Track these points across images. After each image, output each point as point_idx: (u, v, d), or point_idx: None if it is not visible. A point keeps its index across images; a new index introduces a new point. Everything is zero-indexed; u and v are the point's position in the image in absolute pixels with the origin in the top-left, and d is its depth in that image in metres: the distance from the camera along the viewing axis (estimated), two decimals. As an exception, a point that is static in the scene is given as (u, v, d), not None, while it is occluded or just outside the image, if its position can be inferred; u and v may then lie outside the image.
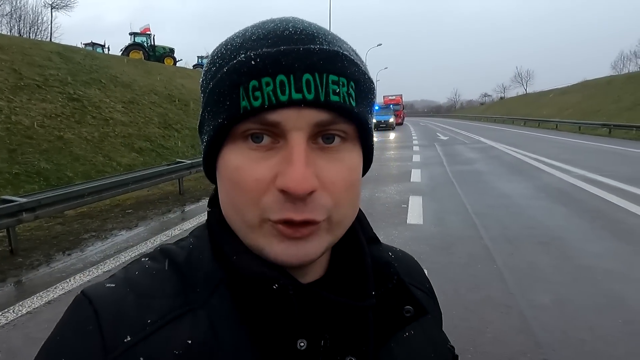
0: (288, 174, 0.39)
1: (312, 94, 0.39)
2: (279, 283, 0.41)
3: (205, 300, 0.43)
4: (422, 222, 5.98)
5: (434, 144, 18.88)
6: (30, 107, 10.54)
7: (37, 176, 8.50)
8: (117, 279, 0.45)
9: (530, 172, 10.04)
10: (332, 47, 0.41)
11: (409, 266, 0.61)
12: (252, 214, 0.41)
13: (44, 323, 3.34)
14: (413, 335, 0.51)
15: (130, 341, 0.39)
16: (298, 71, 0.39)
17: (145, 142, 12.70)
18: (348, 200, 0.43)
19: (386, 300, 0.49)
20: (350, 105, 0.41)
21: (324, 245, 0.43)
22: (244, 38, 0.42)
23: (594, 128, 23.54)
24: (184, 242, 0.49)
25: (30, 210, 4.92)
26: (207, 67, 0.45)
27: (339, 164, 0.42)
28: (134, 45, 25.22)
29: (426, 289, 0.60)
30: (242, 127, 0.41)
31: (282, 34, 0.41)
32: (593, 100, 33.58)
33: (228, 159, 0.42)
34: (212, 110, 0.43)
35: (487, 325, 3.16)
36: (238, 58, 0.41)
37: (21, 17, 28.70)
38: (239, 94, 0.40)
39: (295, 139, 0.40)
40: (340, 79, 0.40)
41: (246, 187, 0.41)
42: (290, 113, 0.39)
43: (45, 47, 14.56)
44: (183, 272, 0.45)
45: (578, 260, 4.37)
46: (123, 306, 0.41)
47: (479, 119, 56.56)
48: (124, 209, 7.22)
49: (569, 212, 6.32)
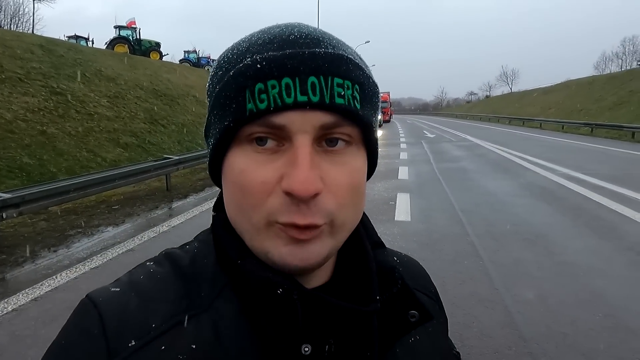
0: (293, 176, 0.39)
1: (317, 97, 0.39)
2: (283, 288, 0.41)
3: (209, 305, 0.43)
4: (410, 219, 6.04)
5: (421, 142, 19.04)
6: (11, 101, 10.30)
7: (20, 171, 8.34)
8: (122, 283, 0.45)
9: (515, 170, 10.22)
10: (337, 51, 0.42)
11: (414, 271, 0.61)
12: (258, 216, 0.42)
13: (30, 320, 3.30)
14: (419, 340, 0.51)
15: (134, 345, 0.39)
16: (303, 74, 0.39)
17: (130, 137, 12.53)
18: (352, 203, 0.44)
19: (391, 305, 0.49)
20: (355, 107, 0.41)
21: (328, 249, 0.43)
22: (250, 42, 0.43)
23: (576, 127, 24.02)
24: (189, 247, 0.49)
25: (14, 206, 4.84)
26: (214, 71, 0.46)
27: (343, 167, 0.42)
28: (119, 38, 24.83)
29: (432, 293, 0.60)
30: (247, 130, 0.41)
31: (287, 38, 0.41)
32: (576, 100, 34.21)
33: (233, 162, 0.43)
34: (219, 114, 0.43)
35: (473, 320, 3.23)
36: (244, 61, 0.41)
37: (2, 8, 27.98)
38: (245, 96, 0.40)
39: (300, 141, 0.40)
40: (345, 82, 0.41)
41: (252, 189, 0.41)
42: (296, 115, 0.40)
43: (27, 39, 14.23)
44: (187, 276, 0.45)
45: (561, 257, 4.48)
46: (127, 310, 0.41)
47: (465, 117, 57.19)
48: (110, 205, 7.14)
49: (553, 209, 6.46)
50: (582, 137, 19.88)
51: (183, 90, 18.49)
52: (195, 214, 6.58)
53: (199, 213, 6.60)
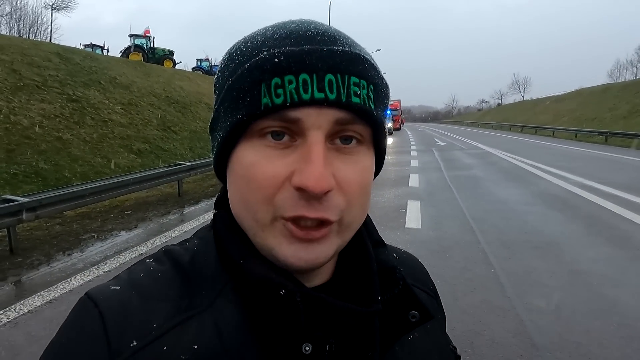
0: (306, 172, 0.39)
1: (334, 94, 0.39)
2: (286, 289, 0.41)
3: (210, 304, 0.42)
4: (421, 227, 6.03)
5: (432, 149, 18.97)
6: (29, 108, 10.54)
7: (36, 176, 8.51)
8: (122, 280, 0.44)
9: (527, 178, 10.12)
10: (354, 50, 0.42)
11: (413, 267, 0.61)
12: (264, 211, 0.41)
13: (45, 322, 3.36)
14: (417, 337, 0.51)
15: (136, 346, 0.39)
16: (321, 71, 0.39)
17: (143, 143, 12.71)
18: (360, 202, 0.43)
19: (392, 305, 0.48)
20: (370, 107, 0.42)
21: (334, 249, 0.43)
22: (265, 36, 0.42)
23: (590, 135, 23.72)
24: (189, 244, 0.48)
25: (31, 210, 4.94)
26: (225, 64, 0.45)
27: (354, 165, 0.42)
28: (133, 47, 25.26)
29: (430, 290, 0.60)
30: (260, 124, 0.41)
31: (304, 34, 0.41)
32: (589, 108, 33.82)
33: (243, 156, 0.42)
34: (230, 107, 0.42)
35: (485, 328, 3.20)
36: (260, 55, 0.40)
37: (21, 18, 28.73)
38: (261, 90, 0.40)
39: (314, 137, 0.40)
40: (361, 82, 0.41)
41: (261, 183, 0.40)
42: (311, 111, 0.40)
43: (45, 47, 14.58)
44: (188, 275, 0.44)
45: (573, 265, 4.42)
46: (128, 309, 0.40)
47: (477, 125, 56.84)
48: (123, 210, 7.24)
49: (565, 218, 6.39)
50: (595, 146, 19.62)
51: (195, 97, 18.72)
52: (207, 219, 6.59)
53: (210, 219, 6.62)
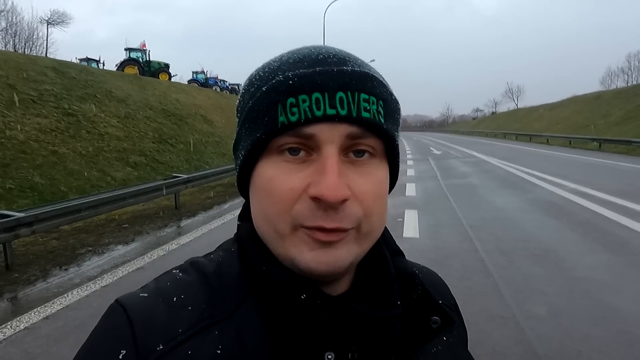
0: (322, 183, 0.41)
1: (345, 110, 0.42)
2: (307, 293, 0.43)
3: (233, 312, 0.44)
4: (418, 236, 6.03)
5: (428, 158, 19.05)
6: (24, 122, 10.52)
7: (31, 191, 8.46)
8: (149, 289, 0.46)
9: (523, 186, 10.17)
10: (363, 69, 0.45)
11: (434, 282, 0.61)
12: (284, 222, 0.43)
13: (41, 338, 3.32)
14: (441, 350, 0.52)
15: (162, 349, 0.41)
16: (332, 89, 0.42)
17: (139, 156, 12.70)
18: (377, 212, 0.45)
19: (412, 311, 0.49)
20: (380, 121, 0.44)
21: (353, 255, 0.44)
22: (280, 62, 0.46)
23: (584, 142, 23.92)
24: (213, 256, 0.51)
25: (27, 225, 4.91)
26: (245, 88, 0.48)
27: (367, 176, 0.44)
28: (129, 60, 25.34)
29: (451, 304, 0.61)
30: (278, 141, 0.43)
31: (316, 57, 0.44)
32: (582, 115, 34.14)
33: (263, 171, 0.45)
34: (250, 127, 0.45)
35: (485, 336, 3.19)
36: (276, 78, 0.44)
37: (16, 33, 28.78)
38: (277, 110, 0.42)
39: (329, 150, 0.42)
40: (371, 98, 0.43)
41: (280, 196, 0.43)
42: (324, 127, 0.42)
43: (41, 62, 14.60)
44: (212, 284, 0.46)
45: (572, 272, 4.43)
46: (155, 315, 0.43)
47: (471, 133, 57.18)
48: (120, 224, 7.20)
49: (562, 225, 6.41)
50: (590, 152, 19.78)
51: (191, 109, 18.76)
52: (204, 232, 6.62)
53: (207, 231, 6.64)
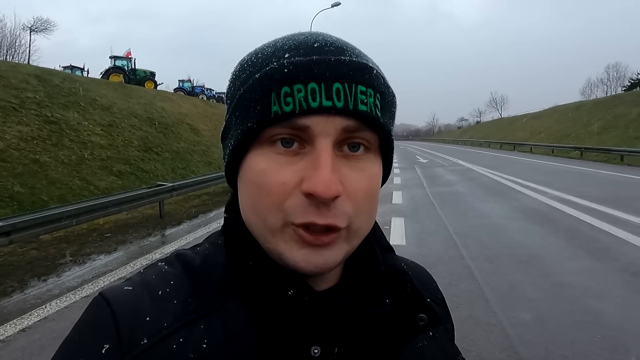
0: (315, 178, 0.39)
1: (341, 102, 0.40)
2: (294, 289, 0.42)
3: (219, 306, 0.43)
4: (405, 243, 6.02)
5: (414, 167, 19.18)
6: (5, 130, 10.30)
7: (11, 200, 8.25)
8: (134, 282, 0.45)
9: (508, 194, 10.29)
10: (361, 60, 0.43)
11: (422, 277, 0.61)
12: (274, 217, 0.42)
13: (18, 351, 3.20)
14: (427, 345, 0.51)
15: (146, 344, 0.40)
16: (329, 80, 0.40)
17: (124, 165, 12.52)
18: (367, 209, 0.44)
19: (400, 308, 0.49)
20: (376, 114, 0.42)
21: (342, 254, 0.44)
22: (275, 48, 0.44)
23: (566, 151, 24.41)
24: (199, 248, 0.50)
25: (4, 234, 4.76)
26: (236, 74, 0.46)
27: (361, 172, 0.43)
28: (114, 68, 25.10)
29: (439, 300, 0.60)
30: (270, 132, 0.42)
31: (312, 45, 0.42)
32: (564, 124, 34.85)
33: (254, 163, 0.43)
34: (241, 115, 0.43)
35: (472, 343, 3.18)
36: (270, 65, 0.42)
37: (-2, 40, 28.30)
38: (270, 99, 0.41)
39: (323, 144, 0.41)
40: (368, 90, 0.42)
41: (271, 190, 0.41)
42: (320, 119, 0.40)
43: (23, 69, 14.36)
44: (198, 277, 0.45)
45: (556, 278, 4.47)
46: (140, 308, 0.42)
47: (457, 142, 57.91)
48: (103, 233, 7.05)
49: (546, 231, 6.48)
50: (572, 161, 20.17)
51: (177, 118, 18.62)
52: (189, 240, 6.51)
53: (192, 240, 6.53)
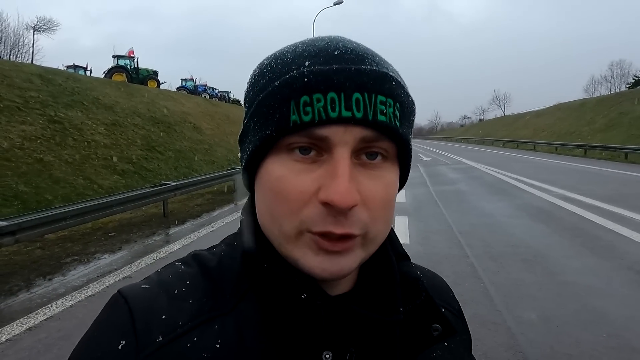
0: (333, 187, 0.39)
1: (361, 113, 0.40)
2: (307, 293, 0.42)
3: (233, 306, 0.44)
4: (409, 242, 6.02)
5: (417, 165, 19.13)
6: (9, 130, 10.34)
7: (15, 199, 8.29)
8: (151, 280, 0.46)
9: (511, 192, 10.27)
10: (381, 69, 0.42)
11: (438, 286, 0.60)
12: (290, 224, 0.42)
13: (24, 351, 3.22)
14: (441, 356, 0.51)
15: (161, 341, 0.40)
16: (349, 90, 0.40)
17: (127, 164, 12.55)
18: (384, 217, 0.44)
19: (414, 317, 0.49)
20: (395, 125, 0.42)
21: (358, 261, 0.44)
22: (295, 54, 0.43)
23: (570, 149, 24.31)
24: (216, 249, 0.51)
25: (9, 233, 4.79)
26: (255, 78, 0.46)
27: (378, 181, 0.43)
28: (117, 67, 25.12)
29: (455, 310, 0.60)
30: (289, 140, 0.42)
31: (332, 52, 0.42)
32: (567, 122, 34.71)
33: (271, 169, 0.43)
34: (260, 121, 0.43)
35: (476, 342, 3.16)
36: (290, 73, 0.42)
37: (2, 40, 28.38)
38: (290, 108, 0.41)
39: (341, 153, 0.41)
40: (388, 100, 0.42)
41: (288, 197, 0.41)
42: (338, 129, 0.40)
43: (26, 69, 14.40)
44: (213, 278, 0.46)
45: (561, 277, 4.46)
46: (156, 307, 0.43)
47: (459, 140, 57.78)
48: (107, 232, 7.08)
49: (550, 230, 6.47)
50: (575, 159, 20.09)
51: (180, 117, 18.65)
52: (193, 239, 6.53)
53: (196, 239, 6.56)
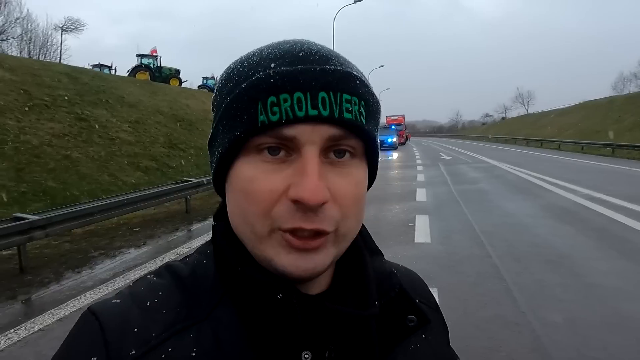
0: (302, 185, 0.40)
1: (327, 111, 0.41)
2: (283, 293, 0.42)
3: (209, 314, 0.43)
4: (430, 241, 5.98)
5: (438, 164, 18.95)
6: (38, 127, 10.68)
7: (44, 195, 8.57)
8: (123, 295, 0.46)
9: (535, 191, 10.07)
10: (345, 69, 0.43)
11: (413, 281, 0.61)
12: (262, 224, 0.42)
13: (55, 340, 3.34)
14: (419, 347, 0.51)
15: (134, 354, 0.40)
16: (314, 89, 0.41)
17: (150, 161, 12.80)
18: (355, 214, 0.45)
19: (389, 310, 0.50)
20: (361, 122, 0.43)
21: (330, 258, 0.44)
22: (261, 57, 0.44)
23: (597, 148, 23.65)
24: (189, 259, 0.50)
25: (41, 228, 4.96)
26: (222, 83, 0.46)
27: (347, 178, 0.44)
28: (140, 66, 25.60)
29: (431, 303, 0.60)
30: (257, 141, 0.42)
31: (298, 54, 0.43)
32: (593, 121, 33.78)
33: (241, 171, 0.43)
34: (228, 124, 0.44)
35: (500, 344, 3.15)
36: (256, 75, 0.42)
37: (31, 40, 29.28)
38: (257, 109, 0.41)
39: (309, 152, 0.41)
40: (353, 98, 0.42)
41: (259, 197, 0.42)
42: (306, 128, 0.41)
43: (55, 68, 14.85)
44: (187, 287, 0.45)
45: (587, 279, 4.36)
46: (128, 320, 0.42)
47: (481, 138, 56.85)
48: (131, 228, 7.25)
49: (575, 230, 6.32)
50: (603, 158, 19.52)
51: (201, 115, 18.90)
52: (215, 236, 6.62)
53: (218, 235, 6.64)
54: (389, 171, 16.23)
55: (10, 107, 10.64)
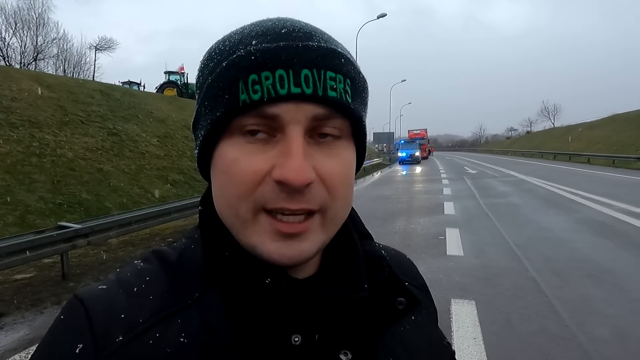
0: (287, 166, 0.39)
1: (310, 89, 0.39)
2: (271, 277, 0.41)
3: (197, 299, 0.43)
4: (463, 254, 5.88)
5: (463, 177, 18.71)
6: (73, 141, 11.08)
7: (79, 206, 8.84)
8: (109, 281, 0.45)
9: (568, 205, 9.81)
10: (330, 45, 0.42)
11: (402, 263, 0.60)
12: (246, 207, 0.41)
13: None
14: (408, 329, 0.51)
15: (121, 340, 0.39)
16: (297, 66, 0.39)
17: (178, 174, 13.07)
18: (343, 196, 0.43)
19: (378, 293, 0.49)
20: (347, 101, 0.42)
21: (318, 244, 0.43)
22: (242, 35, 0.43)
23: (629, 162, 22.93)
24: (176, 244, 0.49)
25: (83, 236, 5.11)
26: (204, 63, 0.45)
27: (334, 158, 0.42)
28: (168, 83, 26.38)
29: (420, 285, 0.59)
30: (240, 121, 0.41)
31: (280, 31, 0.42)
32: (624, 134, 32.85)
33: (225, 152, 0.42)
34: (210, 105, 0.42)
35: (548, 357, 3.05)
36: (237, 53, 0.41)
37: (66, 59, 30.57)
38: (239, 87, 0.40)
39: (293, 131, 0.40)
40: (337, 76, 0.41)
41: (243, 178, 0.41)
42: (289, 106, 0.40)
43: (89, 85, 15.43)
44: (175, 272, 0.44)
45: (633, 294, 4.20)
46: (114, 306, 0.41)
47: (505, 153, 55.94)
48: (164, 238, 7.39)
49: (615, 245, 6.12)
50: (637, 172, 18.90)
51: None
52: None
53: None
54: (414, 185, 16.11)
55: (48, 122, 11.10)
